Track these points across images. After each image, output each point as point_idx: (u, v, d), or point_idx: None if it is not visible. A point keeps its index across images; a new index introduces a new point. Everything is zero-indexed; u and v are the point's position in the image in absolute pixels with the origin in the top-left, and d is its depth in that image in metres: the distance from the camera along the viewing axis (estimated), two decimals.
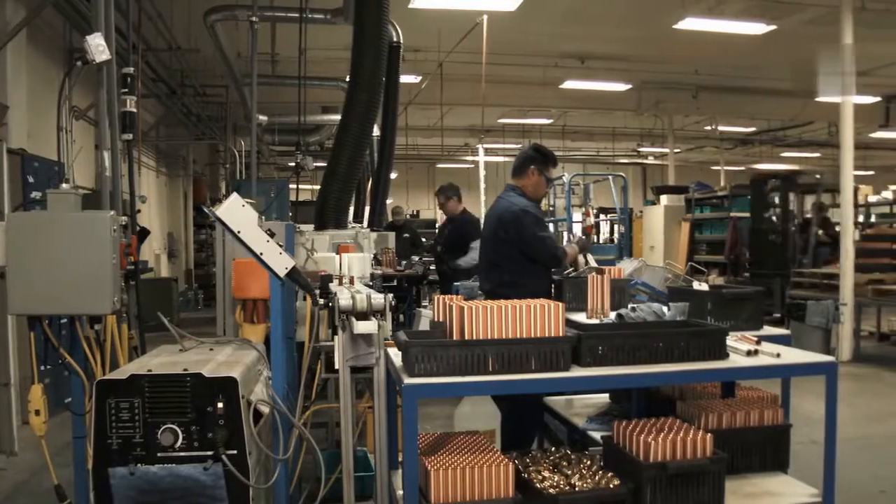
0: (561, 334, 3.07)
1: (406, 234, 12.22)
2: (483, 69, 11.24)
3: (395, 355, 3.11)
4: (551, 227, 16.76)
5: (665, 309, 3.81)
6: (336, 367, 3.17)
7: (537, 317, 3.05)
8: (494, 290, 4.81)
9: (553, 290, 5.14)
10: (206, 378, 2.95)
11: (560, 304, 3.13)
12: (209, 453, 2.91)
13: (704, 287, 4.45)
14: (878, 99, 17.87)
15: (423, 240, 13.49)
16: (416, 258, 10.56)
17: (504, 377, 2.91)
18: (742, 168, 29.25)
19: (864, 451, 6.28)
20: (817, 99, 16.72)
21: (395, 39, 7.99)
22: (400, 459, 3.06)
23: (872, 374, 9.58)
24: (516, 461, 3.23)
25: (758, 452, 3.54)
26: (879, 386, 8.96)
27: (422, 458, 3.03)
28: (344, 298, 3.10)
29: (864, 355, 10.51)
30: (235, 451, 2.94)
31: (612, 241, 17.85)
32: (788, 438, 3.63)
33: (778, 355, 3.26)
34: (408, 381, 2.82)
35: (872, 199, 15.91)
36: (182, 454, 2.91)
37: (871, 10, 10.98)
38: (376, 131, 8.68)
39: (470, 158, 23.51)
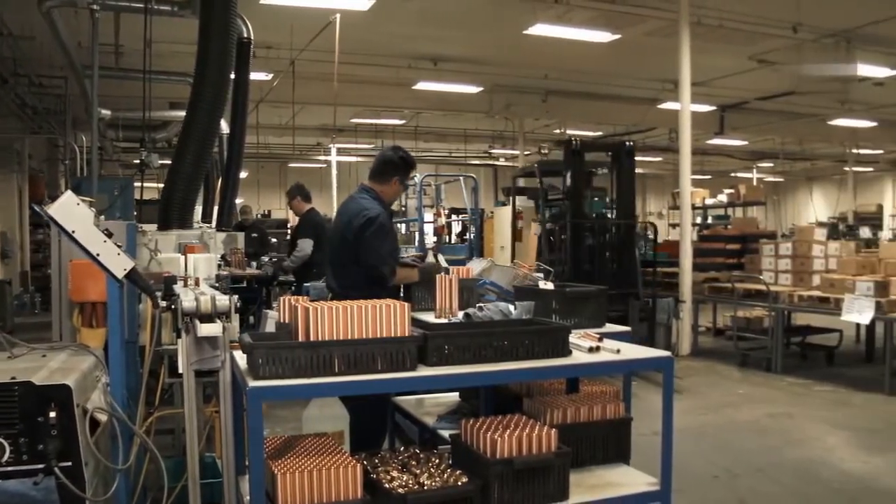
0: (407, 334, 3.07)
1: (255, 234, 11.98)
2: (335, 68, 11.18)
3: (241, 358, 3.03)
4: (403, 227, 16.88)
5: (512, 308, 3.88)
6: (180, 371, 3.08)
7: (383, 317, 3.04)
8: (342, 292, 4.76)
9: (403, 291, 5.15)
10: (37, 386, 2.78)
11: (406, 304, 3.13)
12: (40, 466, 2.75)
13: (549, 286, 4.56)
14: (713, 108, 18.89)
15: (274, 240, 13.27)
16: (265, 258, 10.36)
17: (350, 378, 2.88)
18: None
19: (700, 440, 6.60)
20: (659, 106, 17.53)
21: (245, 35, 7.82)
22: (247, 464, 2.99)
23: (708, 367, 10.11)
24: (365, 462, 3.21)
25: (601, 445, 3.64)
26: (715, 378, 9.45)
27: (269, 462, 2.97)
28: (187, 300, 3.01)
29: (702, 349, 11.07)
30: (70, 463, 2.79)
31: (463, 241, 18.02)
32: (629, 431, 3.75)
33: (618, 351, 3.37)
34: (252, 384, 2.76)
35: (709, 201, 16.75)
36: (9, 469, 2.74)
37: (706, 24, 11.60)
38: (226, 129, 8.48)
39: (322, 158, 23.33)
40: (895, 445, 6.43)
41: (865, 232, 25.70)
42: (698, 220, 17.16)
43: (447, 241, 17.37)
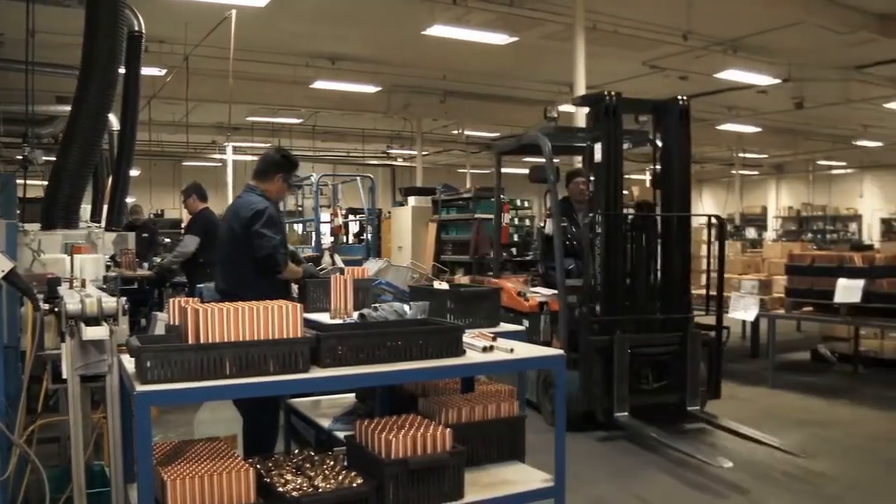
0: (300, 335, 3.04)
1: (146, 235, 11.65)
2: (231, 65, 10.96)
3: (130, 362, 2.94)
4: (300, 227, 16.70)
5: (407, 308, 3.89)
6: (64, 376, 2.97)
7: (275, 318, 3.00)
8: (231, 291, 4.68)
9: (298, 292, 5.11)
10: None
11: (298, 304, 3.10)
12: None
13: (444, 286, 4.59)
14: None
15: (168, 240, 12.93)
16: (157, 259, 10.09)
17: (242, 381, 2.83)
18: (487, 171, 30.54)
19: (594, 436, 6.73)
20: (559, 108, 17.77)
21: (135, 28, 7.59)
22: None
23: None
24: (258, 466, 3.17)
25: (496, 444, 3.68)
26: None
27: (158, 468, 2.89)
28: (72, 303, 2.91)
29: None
30: None
31: (360, 241, 17.94)
32: (523, 429, 3.81)
33: (512, 350, 3.41)
34: (140, 388, 2.68)
35: None
36: None
37: (602, 30, 11.87)
38: (116, 125, 8.22)
39: (218, 157, 22.88)
40: (775, 437, 6.67)
41: (751, 232, 26.79)
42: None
43: (344, 241, 17.25)
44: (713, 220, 7.25)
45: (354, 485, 3.02)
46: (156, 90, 14.22)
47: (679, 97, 6.90)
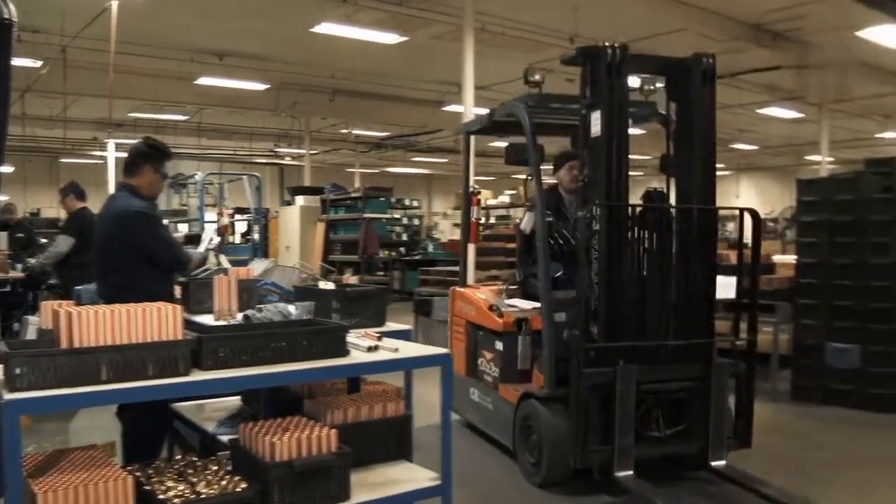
0: (179, 337, 2.97)
1: (20, 234, 11.16)
2: (111, 58, 10.62)
3: None
4: (185, 227, 16.31)
5: (292, 308, 3.85)
6: None
7: (154, 320, 2.92)
8: (114, 296, 4.53)
9: (183, 293, 4.99)
10: None
11: (177, 306, 3.03)
12: None
13: (330, 286, 4.56)
14: None
15: (44, 240, 12.42)
16: (32, 260, 9.68)
17: (119, 386, 2.74)
18: (377, 171, 30.55)
19: (482, 433, 6.79)
20: (444, 108, 17.93)
21: (5, 15, 7.25)
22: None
23: None
24: (138, 474, 3.07)
25: (382, 443, 3.67)
26: None
27: (29, 480, 2.77)
28: None
29: None
30: None
31: (248, 241, 17.67)
32: (410, 428, 3.82)
33: (397, 350, 3.42)
34: (8, 396, 2.56)
35: (492, 202, 17.33)
36: None
37: (490, 31, 12.00)
38: None
39: (99, 153, 22.09)
40: None
41: None
42: (482, 220, 17.65)
43: (231, 241, 16.94)
44: (747, 215, 5.47)
45: (238, 489, 2.97)
46: (30, 83, 13.64)
47: (703, 54, 5.23)
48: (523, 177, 10.79)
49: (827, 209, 7.61)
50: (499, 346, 5.78)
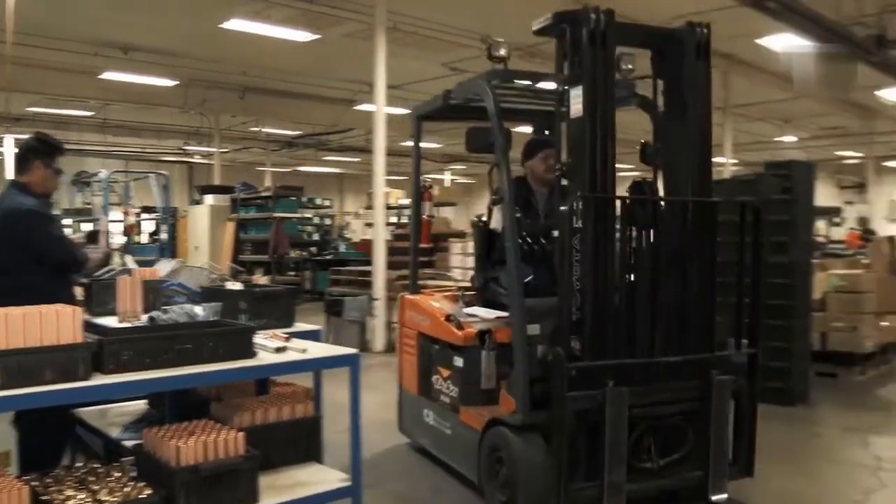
0: (79, 340, 2.88)
1: None
2: (8, 49, 10.21)
3: None
4: (90, 225, 15.85)
5: (198, 310, 3.78)
6: None
7: (52, 323, 2.83)
8: (6, 300, 4.36)
9: (85, 294, 4.83)
10: None
11: (77, 308, 2.94)
12: None
13: (238, 287, 4.50)
14: (409, 111, 19.50)
15: None
16: None
17: (13, 392, 2.64)
18: (288, 170, 30.21)
19: (394, 432, 6.75)
20: (356, 107, 17.84)
21: None
22: None
23: None
24: (35, 483, 2.97)
25: (291, 445, 3.65)
26: None
27: None
28: None
29: (396, 345, 11.35)
30: None
31: (155, 240, 17.28)
32: (319, 429, 3.80)
33: (305, 351, 3.39)
34: None
35: (404, 201, 17.32)
36: None
37: (403, 31, 11.98)
38: None
39: None
40: None
41: None
42: (394, 219, 17.68)
43: (137, 241, 16.54)
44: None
45: (142, 496, 2.90)
46: None
47: (696, 24, 4.54)
48: (434, 176, 10.51)
49: (729, 209, 7.83)
50: (458, 362, 4.99)
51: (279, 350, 3.36)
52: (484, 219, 5.71)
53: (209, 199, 17.89)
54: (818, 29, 8.75)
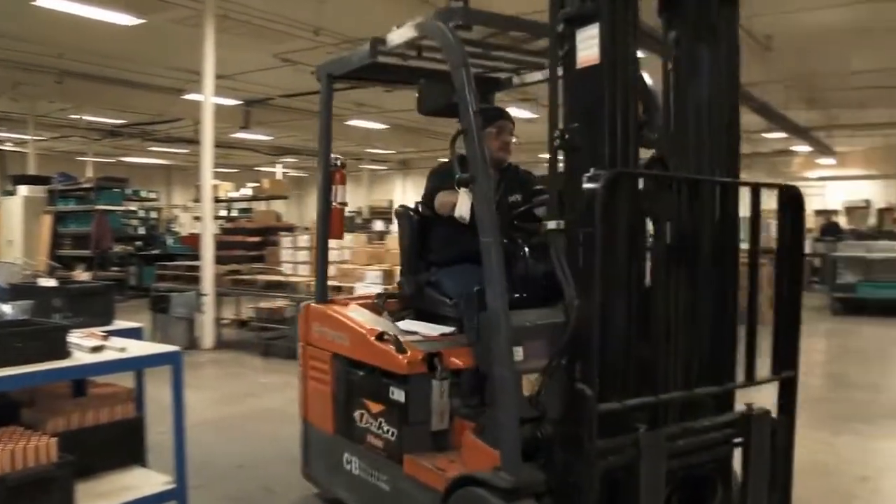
0: None
1: None
2: None
3: None
4: None
5: (6, 308, 3.54)
6: None
7: None
8: None
9: None
10: None
11: None
12: None
13: (52, 283, 4.24)
14: (239, 102, 19.10)
15: None
16: None
17: None
18: (112, 160, 28.90)
19: (224, 431, 6.62)
20: (184, 97, 17.28)
21: None
22: None
23: (233, 358, 10.17)
24: None
25: (111, 449, 3.52)
26: (239, 369, 9.54)
27: None
28: None
29: (226, 342, 11.12)
30: None
31: None
32: (142, 431, 3.66)
33: (124, 349, 3.24)
34: None
35: (233, 195, 16.93)
36: None
37: (234, 19, 11.67)
38: None
39: None
40: None
41: (379, 225, 28.06)
42: (223, 213, 17.29)
43: None
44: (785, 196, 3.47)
45: None
46: None
47: None
48: (265, 169, 10.06)
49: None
50: (398, 395, 3.87)
51: (95, 349, 3.20)
52: (415, 205, 4.68)
53: (23, 189, 16.93)
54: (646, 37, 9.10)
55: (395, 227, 29.41)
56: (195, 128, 20.26)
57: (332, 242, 9.44)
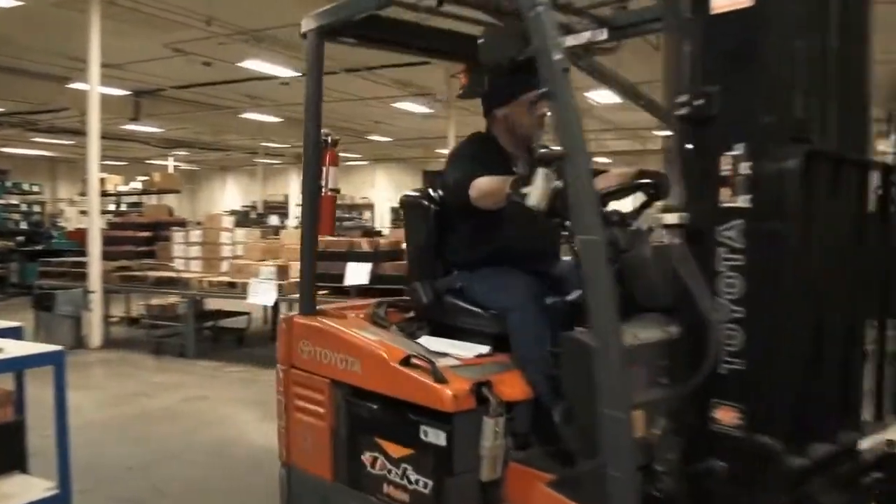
0: None
1: None
2: None
3: None
4: None
5: None
6: None
7: None
8: None
9: None
10: None
11: None
12: None
13: None
14: (128, 93, 18.52)
15: None
16: None
17: None
18: None
19: (113, 432, 6.43)
20: (70, 85, 16.64)
21: None
22: None
23: (122, 357, 9.88)
24: None
25: None
26: (128, 368, 9.27)
27: None
28: None
29: (116, 340, 10.80)
30: None
31: None
32: (22, 435, 3.51)
33: (1, 350, 3.10)
34: None
35: (123, 188, 16.44)
36: None
37: (121, 5, 11.28)
38: None
39: None
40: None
41: (274, 220, 27.71)
42: (112, 207, 16.77)
43: None
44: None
45: None
46: None
47: None
48: (156, 162, 9.68)
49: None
50: (435, 437, 2.93)
51: None
52: (431, 193, 3.76)
53: None
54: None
55: (291, 221, 29.06)
56: (82, 118, 19.57)
57: (224, 237, 9.16)
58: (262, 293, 8.90)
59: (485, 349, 3.23)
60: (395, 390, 3.08)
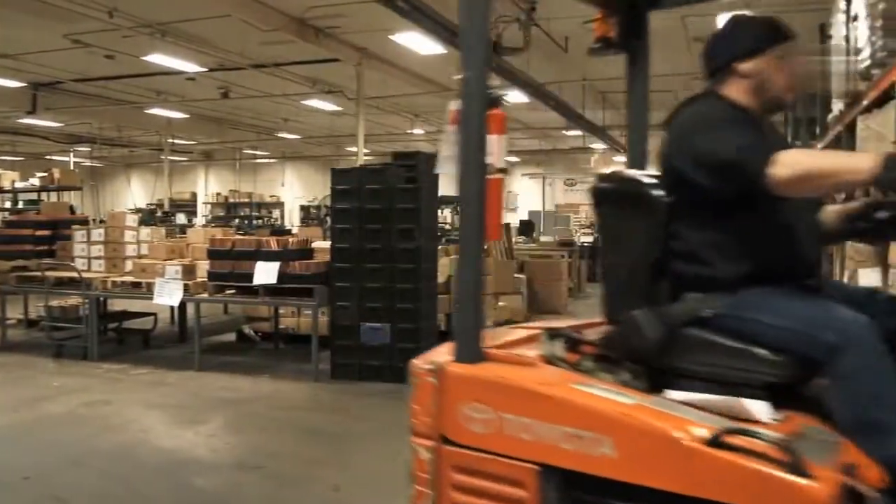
0: None
1: None
2: None
3: None
4: None
5: None
6: None
7: None
8: None
9: None
10: None
11: None
12: None
13: None
14: (25, 85, 17.86)
15: None
16: None
17: None
18: None
19: (9, 440, 6.22)
20: None
21: None
22: None
23: (20, 361, 9.53)
24: None
25: None
26: (27, 372, 8.94)
27: None
28: None
29: (13, 343, 10.42)
30: None
31: None
32: None
33: None
34: None
35: (20, 185, 15.87)
36: None
37: None
38: None
39: None
40: (202, 417, 6.84)
41: (181, 218, 27.15)
42: (8, 204, 16.18)
43: None
44: None
45: None
46: None
47: None
48: (56, 158, 9.43)
49: (358, 197, 8.17)
50: None
51: None
52: (630, 174, 2.75)
53: None
54: (444, 32, 9.27)
55: (198, 220, 28.44)
56: None
57: (128, 235, 8.90)
58: (167, 293, 8.74)
59: (772, 411, 2.11)
60: (700, 488, 1.91)
